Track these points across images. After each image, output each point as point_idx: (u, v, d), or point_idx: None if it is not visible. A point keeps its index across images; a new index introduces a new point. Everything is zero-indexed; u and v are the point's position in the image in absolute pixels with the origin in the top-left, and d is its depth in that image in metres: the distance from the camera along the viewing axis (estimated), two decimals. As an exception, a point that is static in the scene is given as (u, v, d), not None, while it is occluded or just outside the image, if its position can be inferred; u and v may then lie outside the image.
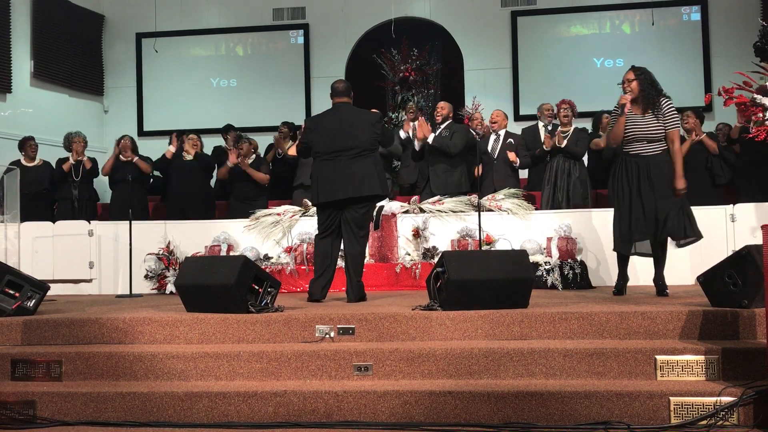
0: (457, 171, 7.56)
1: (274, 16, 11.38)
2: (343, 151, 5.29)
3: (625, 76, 5.32)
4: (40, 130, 9.25)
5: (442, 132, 7.59)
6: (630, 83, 5.28)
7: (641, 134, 5.25)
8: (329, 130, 5.36)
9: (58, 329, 4.51)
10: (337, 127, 5.34)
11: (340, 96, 5.48)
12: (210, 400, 3.80)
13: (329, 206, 5.36)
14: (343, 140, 5.30)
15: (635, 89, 5.25)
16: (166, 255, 7.03)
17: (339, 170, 5.27)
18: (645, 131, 5.25)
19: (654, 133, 5.24)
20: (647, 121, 5.25)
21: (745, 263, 4.17)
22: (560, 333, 4.20)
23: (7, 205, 6.68)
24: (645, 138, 5.24)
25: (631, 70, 5.34)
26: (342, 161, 5.28)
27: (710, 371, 3.79)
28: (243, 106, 11.19)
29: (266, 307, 4.64)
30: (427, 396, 3.70)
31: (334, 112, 5.48)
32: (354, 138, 5.30)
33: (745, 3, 10.14)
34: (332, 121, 5.39)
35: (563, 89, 10.07)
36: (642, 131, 5.25)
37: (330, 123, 5.39)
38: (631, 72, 5.31)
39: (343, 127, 5.33)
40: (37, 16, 10.17)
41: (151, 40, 11.35)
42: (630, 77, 5.28)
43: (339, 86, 5.52)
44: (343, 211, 5.34)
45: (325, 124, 5.41)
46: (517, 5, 10.93)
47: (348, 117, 5.38)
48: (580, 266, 6.38)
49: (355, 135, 5.31)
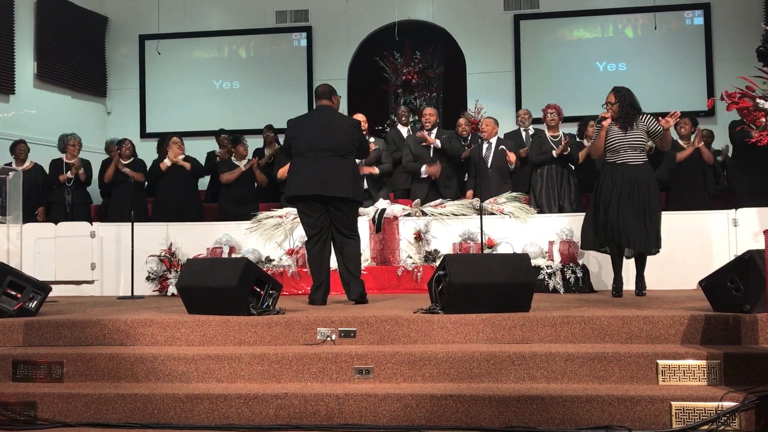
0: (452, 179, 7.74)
1: (277, 18, 11.40)
2: (319, 151, 5.31)
3: (608, 98, 5.70)
4: (43, 132, 9.28)
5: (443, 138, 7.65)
6: (612, 106, 5.67)
7: (624, 144, 5.60)
8: (308, 130, 5.40)
9: (60, 330, 4.51)
10: (315, 128, 5.38)
11: (321, 98, 5.53)
12: (211, 402, 3.81)
13: (306, 209, 5.35)
14: (320, 141, 5.33)
15: (615, 110, 5.65)
16: (168, 257, 7.03)
17: (313, 168, 5.29)
18: (627, 141, 5.60)
19: (636, 143, 5.60)
20: (628, 133, 5.61)
21: (747, 268, 4.16)
22: (562, 337, 4.20)
23: (9, 206, 6.69)
24: (629, 146, 5.59)
25: (612, 92, 5.71)
26: (317, 160, 5.30)
27: (712, 376, 3.78)
28: (245, 109, 11.20)
29: (267, 310, 4.64)
30: (429, 399, 3.69)
31: (314, 114, 5.58)
32: (331, 140, 5.33)
33: (748, 8, 10.14)
34: (312, 122, 5.45)
35: (566, 93, 10.10)
36: (624, 141, 5.60)
37: (309, 124, 5.45)
38: (612, 95, 5.69)
39: (322, 128, 5.37)
40: (40, 17, 10.19)
41: (154, 42, 11.38)
42: (611, 100, 5.67)
43: (321, 89, 5.59)
44: (327, 215, 5.35)
45: (305, 125, 5.46)
46: (520, 9, 10.94)
47: (327, 119, 5.42)
48: (582, 270, 6.37)
49: (332, 137, 5.34)
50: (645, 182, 5.52)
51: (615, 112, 5.63)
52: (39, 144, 8.62)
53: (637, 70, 10.54)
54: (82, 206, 8.29)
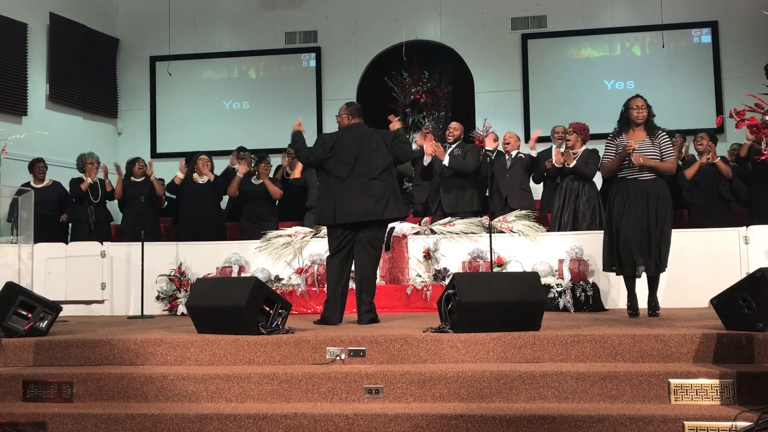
0: (468, 191, 7.66)
1: (287, 39, 11.52)
2: (361, 173, 5.28)
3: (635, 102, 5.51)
4: (55, 152, 9.36)
5: (454, 151, 7.65)
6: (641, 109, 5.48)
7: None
8: (347, 150, 5.33)
9: (70, 350, 4.52)
10: (354, 149, 5.32)
11: (357, 116, 5.49)
12: (220, 422, 3.79)
13: (343, 227, 5.34)
14: (360, 162, 5.28)
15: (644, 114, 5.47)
16: (178, 276, 7.05)
17: (355, 191, 5.25)
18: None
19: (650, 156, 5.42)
20: (643, 147, 5.43)
21: (759, 286, 4.13)
22: (572, 356, 4.17)
23: (20, 226, 6.73)
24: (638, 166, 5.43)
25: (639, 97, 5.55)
26: (358, 182, 5.27)
27: (725, 395, 3.74)
28: (255, 129, 11.29)
29: (277, 329, 4.64)
30: (439, 419, 3.67)
31: (350, 133, 5.44)
32: (372, 161, 5.29)
33: (755, 25, 10.16)
34: (350, 143, 5.36)
35: (574, 111, 10.11)
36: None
37: (348, 143, 5.36)
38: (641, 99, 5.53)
39: (362, 149, 5.32)
40: (52, 39, 10.34)
41: (165, 63, 11.50)
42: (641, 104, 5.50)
43: (355, 107, 5.53)
44: (356, 232, 5.33)
45: (343, 144, 5.37)
46: (528, 28, 11.00)
47: (366, 138, 5.36)
48: (592, 288, 6.34)
49: (373, 157, 5.30)
50: (656, 196, 5.37)
51: (644, 117, 5.46)
52: (51, 165, 8.69)
53: (645, 88, 10.46)
54: (104, 224, 8.31)
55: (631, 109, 5.52)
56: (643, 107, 5.48)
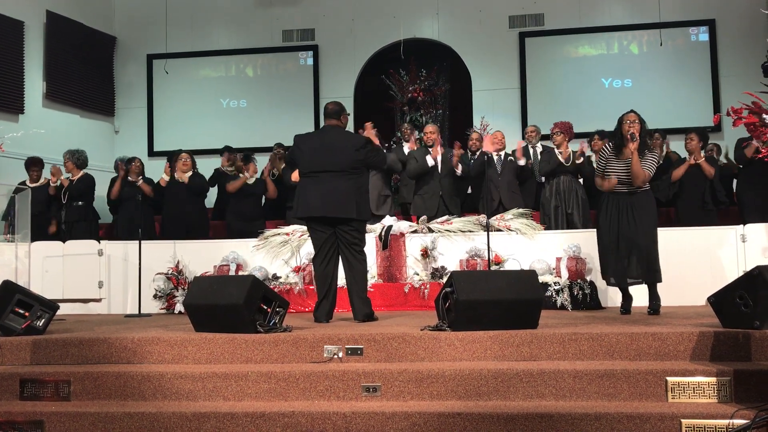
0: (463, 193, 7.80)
1: (284, 37, 11.50)
2: (324, 171, 5.37)
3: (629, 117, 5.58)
4: (52, 151, 9.33)
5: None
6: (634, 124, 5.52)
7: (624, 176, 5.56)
8: (313, 150, 5.45)
9: (67, 349, 4.52)
10: (320, 149, 5.43)
11: (330, 118, 5.57)
12: (218, 420, 3.79)
13: (316, 225, 5.42)
14: (324, 161, 5.38)
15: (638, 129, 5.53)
16: (175, 275, 7.04)
17: (319, 189, 5.36)
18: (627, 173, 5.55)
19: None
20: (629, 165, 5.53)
21: (756, 284, 4.14)
22: (570, 354, 4.17)
23: (17, 225, 6.72)
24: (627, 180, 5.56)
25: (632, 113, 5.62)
26: (322, 180, 5.37)
27: (722, 393, 3.74)
28: (252, 127, 11.28)
29: (274, 327, 4.64)
30: (436, 417, 3.67)
31: (321, 133, 5.61)
32: (335, 160, 5.37)
33: (753, 23, 10.17)
34: (317, 142, 5.49)
35: (571, 109, 10.13)
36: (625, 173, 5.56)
37: (315, 143, 5.49)
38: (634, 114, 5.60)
39: (326, 149, 5.42)
40: (50, 37, 10.31)
41: (162, 62, 11.48)
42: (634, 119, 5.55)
43: (330, 108, 5.61)
44: (334, 231, 5.40)
45: (311, 144, 5.50)
46: (525, 26, 11.01)
47: (334, 139, 5.46)
48: (590, 287, 6.35)
49: (337, 157, 5.38)
50: (641, 208, 5.52)
51: (637, 131, 5.53)
52: (48, 162, 8.67)
53: (642, 86, 10.58)
54: (77, 223, 8.12)
55: (624, 123, 5.61)
56: (635, 122, 5.57)
